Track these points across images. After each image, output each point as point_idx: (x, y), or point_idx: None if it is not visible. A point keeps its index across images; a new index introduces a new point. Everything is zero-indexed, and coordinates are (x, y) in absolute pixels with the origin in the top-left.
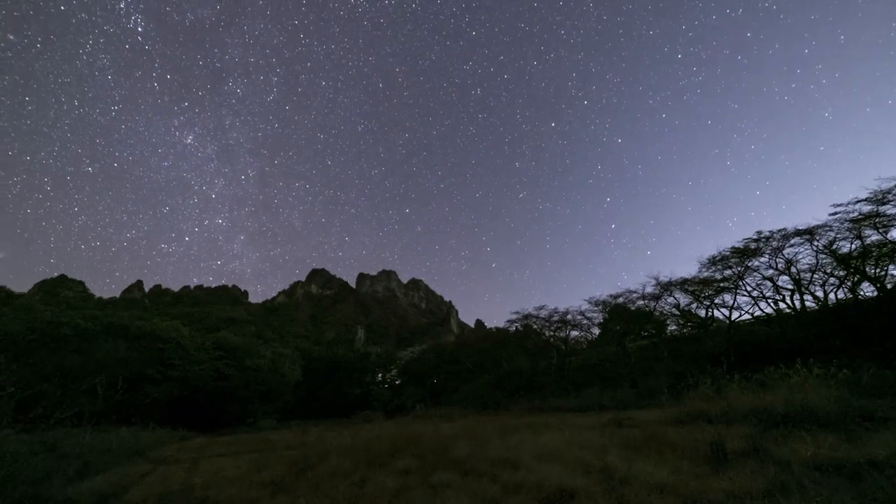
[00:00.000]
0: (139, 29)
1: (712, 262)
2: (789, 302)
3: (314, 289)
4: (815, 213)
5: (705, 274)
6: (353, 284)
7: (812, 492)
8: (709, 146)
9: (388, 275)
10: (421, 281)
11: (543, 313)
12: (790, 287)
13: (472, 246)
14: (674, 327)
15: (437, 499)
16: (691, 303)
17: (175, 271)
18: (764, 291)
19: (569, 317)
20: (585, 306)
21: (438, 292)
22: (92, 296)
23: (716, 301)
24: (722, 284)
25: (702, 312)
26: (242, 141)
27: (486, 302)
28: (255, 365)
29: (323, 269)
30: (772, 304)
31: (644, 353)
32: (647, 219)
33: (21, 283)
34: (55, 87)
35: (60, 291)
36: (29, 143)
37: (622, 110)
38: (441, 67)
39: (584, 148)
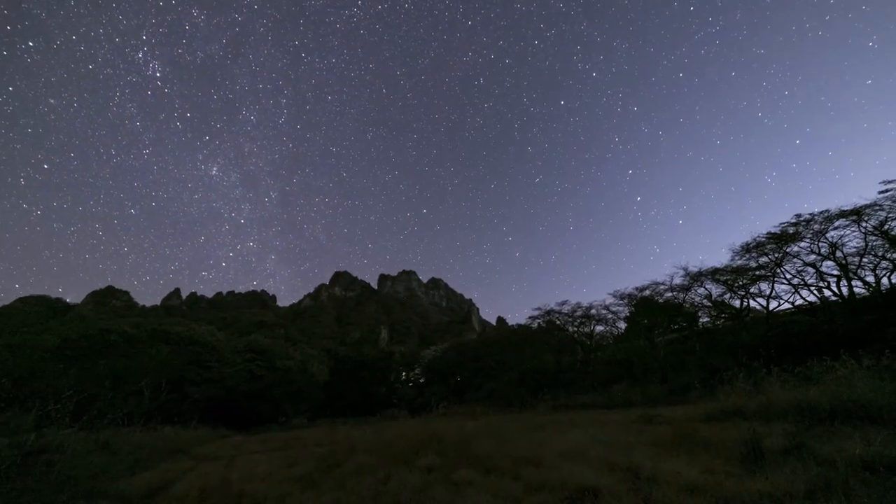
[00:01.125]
0: (157, 74)
1: (746, 249)
2: (835, 289)
3: (338, 291)
4: (866, 157)
5: (739, 262)
6: (375, 286)
7: (859, 492)
8: (735, 100)
9: (408, 275)
10: (441, 280)
11: (566, 308)
12: (836, 273)
13: (492, 238)
14: (706, 319)
15: (458, 496)
16: (724, 293)
17: None
18: (806, 278)
19: (592, 311)
20: (610, 300)
21: (459, 290)
22: (136, 304)
23: (751, 290)
24: (758, 273)
25: (736, 303)
26: (262, 165)
27: (514, 292)
28: (285, 366)
29: (345, 272)
30: (815, 292)
31: (674, 346)
32: (674, 187)
33: (77, 295)
34: (94, 140)
35: (109, 301)
36: (79, 195)
37: (634, 76)
38: (441, 63)
39: (599, 122)
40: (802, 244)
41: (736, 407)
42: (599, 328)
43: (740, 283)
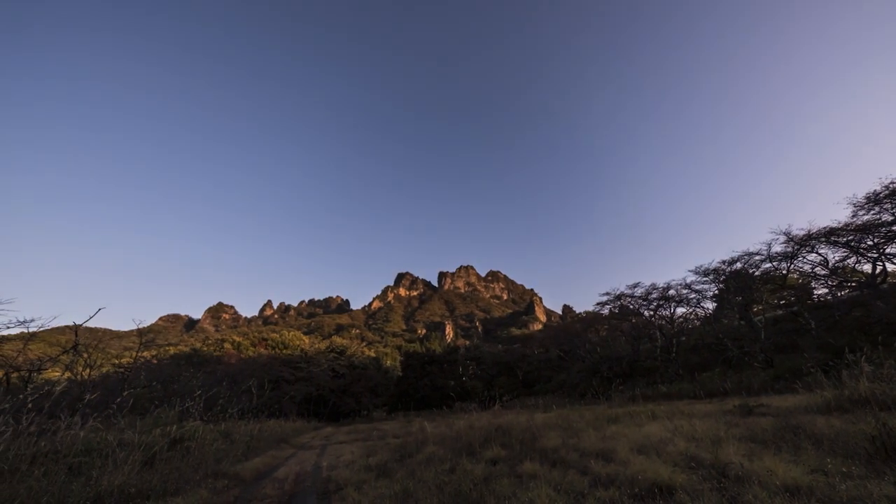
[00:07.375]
0: None
1: (874, 200)
2: None
3: (402, 291)
4: None
5: (865, 217)
6: (435, 283)
7: None
8: None
9: (466, 270)
10: (499, 272)
11: (639, 291)
12: None
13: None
14: (823, 290)
15: (520, 488)
16: (847, 257)
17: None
18: None
19: (671, 292)
20: (691, 278)
21: (520, 281)
22: (240, 315)
23: (887, 251)
24: (895, 228)
25: (866, 267)
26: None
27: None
28: (363, 364)
29: (407, 273)
30: None
31: (780, 325)
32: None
33: (197, 311)
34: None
35: (220, 314)
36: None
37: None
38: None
39: None
40: None
41: (869, 395)
42: (681, 310)
43: (870, 242)
